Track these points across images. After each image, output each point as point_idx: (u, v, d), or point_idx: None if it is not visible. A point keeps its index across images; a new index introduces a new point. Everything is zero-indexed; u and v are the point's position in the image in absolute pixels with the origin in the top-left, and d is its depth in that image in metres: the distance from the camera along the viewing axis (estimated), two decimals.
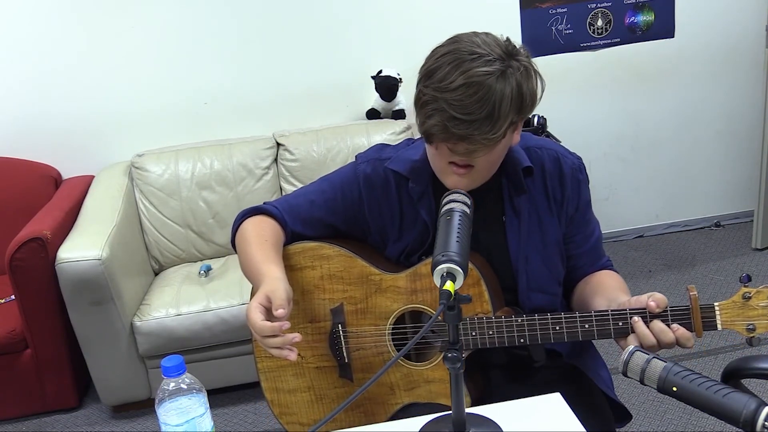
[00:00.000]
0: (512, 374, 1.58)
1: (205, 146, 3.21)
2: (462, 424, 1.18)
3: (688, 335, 1.31)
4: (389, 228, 1.55)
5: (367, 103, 3.39)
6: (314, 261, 1.54)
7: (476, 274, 1.43)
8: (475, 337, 1.41)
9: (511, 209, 1.51)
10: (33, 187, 3.14)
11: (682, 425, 2.50)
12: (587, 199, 1.57)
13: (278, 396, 1.59)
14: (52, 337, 2.74)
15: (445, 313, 1.09)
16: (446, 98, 1.31)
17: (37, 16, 3.12)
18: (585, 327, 1.38)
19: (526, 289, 1.51)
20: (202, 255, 3.15)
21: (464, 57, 1.32)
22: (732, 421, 0.98)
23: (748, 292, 1.29)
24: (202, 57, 3.28)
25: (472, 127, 1.31)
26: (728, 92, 3.77)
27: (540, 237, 1.52)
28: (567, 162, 1.54)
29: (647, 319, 1.33)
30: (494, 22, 3.35)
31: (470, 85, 1.30)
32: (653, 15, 3.05)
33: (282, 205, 1.59)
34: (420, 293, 1.49)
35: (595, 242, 1.60)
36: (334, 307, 1.53)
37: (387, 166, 1.54)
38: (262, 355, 1.58)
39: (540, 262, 1.52)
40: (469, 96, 1.30)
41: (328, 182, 1.60)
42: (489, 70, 1.30)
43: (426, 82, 1.36)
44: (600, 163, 3.76)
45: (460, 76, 1.30)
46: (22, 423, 2.85)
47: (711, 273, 3.46)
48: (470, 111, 1.30)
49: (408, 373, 1.50)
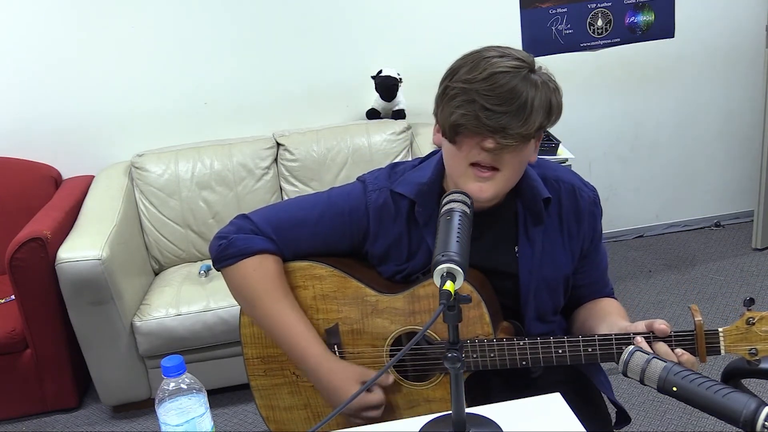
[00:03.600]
0: (511, 384, 1.56)
1: (205, 146, 3.21)
2: (462, 424, 1.17)
3: (693, 360, 1.30)
4: (393, 253, 1.50)
5: (367, 103, 3.39)
6: (306, 281, 1.51)
7: (476, 297, 1.41)
8: (476, 359, 1.40)
9: (526, 239, 1.47)
10: (33, 187, 3.14)
11: (682, 425, 2.50)
12: (600, 232, 1.55)
13: (274, 413, 1.57)
14: (52, 337, 2.74)
15: (445, 313, 1.08)
16: (476, 89, 1.27)
17: (37, 16, 3.12)
18: (588, 351, 1.37)
19: (533, 320, 1.50)
20: (202, 255, 3.15)
21: (488, 55, 1.31)
22: (732, 421, 0.98)
23: (752, 318, 1.29)
24: (202, 57, 3.28)
25: (505, 119, 1.27)
26: (728, 92, 3.77)
27: (551, 271, 1.49)
28: (584, 196, 1.50)
29: (651, 340, 1.32)
30: (494, 22, 3.35)
31: (501, 75, 1.27)
32: (653, 15, 3.04)
33: (279, 236, 1.49)
34: (418, 315, 1.47)
35: (602, 273, 1.59)
36: (329, 327, 1.51)
37: (393, 189, 1.48)
38: (255, 374, 1.55)
39: (547, 294, 1.50)
40: (500, 86, 1.27)
41: (334, 210, 1.50)
42: (517, 64, 1.29)
43: (452, 78, 1.32)
44: (600, 163, 3.76)
45: (490, 68, 1.28)
46: (22, 423, 2.85)
47: (711, 273, 3.46)
48: (502, 102, 1.27)
49: (408, 392, 1.49)
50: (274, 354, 1.54)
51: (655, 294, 3.29)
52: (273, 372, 1.54)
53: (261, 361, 1.55)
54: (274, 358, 1.54)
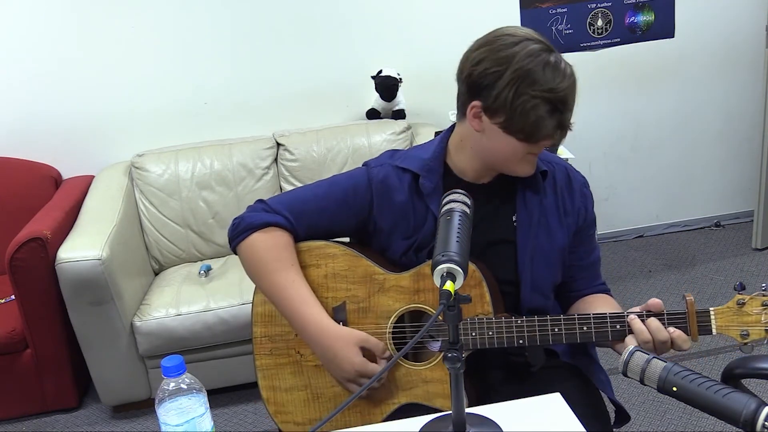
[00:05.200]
0: (511, 376, 1.58)
1: (205, 146, 3.21)
2: (462, 424, 1.17)
3: (685, 337, 1.36)
4: (401, 225, 1.54)
5: (367, 103, 3.39)
6: (319, 260, 1.55)
7: (478, 275, 1.45)
8: (475, 337, 1.42)
9: (524, 207, 1.53)
10: (33, 187, 3.14)
11: (682, 425, 2.50)
12: (593, 217, 1.62)
13: (274, 394, 1.59)
14: (52, 337, 2.74)
15: (445, 313, 1.09)
16: (560, 98, 1.39)
17: (37, 16, 3.12)
18: (583, 329, 1.41)
19: (530, 290, 1.53)
20: (202, 255, 3.15)
21: (540, 50, 1.40)
22: (732, 421, 0.98)
23: (742, 299, 1.33)
24: (202, 57, 3.28)
25: (569, 123, 1.43)
26: (728, 92, 3.77)
27: (547, 240, 1.54)
28: (576, 176, 1.60)
29: (644, 318, 1.38)
30: (494, 22, 3.33)
31: (573, 80, 1.41)
32: (653, 15, 3.04)
33: (291, 213, 1.54)
34: (422, 293, 1.50)
35: (595, 260, 1.64)
36: (336, 305, 1.54)
37: (397, 164, 1.55)
38: (261, 352, 1.58)
39: (544, 264, 1.54)
40: (573, 91, 1.41)
41: (339, 187, 1.57)
42: (558, 55, 1.42)
43: (527, 87, 1.38)
44: (600, 163, 3.76)
45: (562, 73, 1.39)
46: (22, 423, 2.85)
47: (711, 273, 3.46)
48: (573, 103, 1.42)
49: (406, 372, 1.50)
50: (281, 333, 1.57)
51: (655, 294, 3.28)
52: (278, 351, 1.57)
53: (268, 340, 1.57)
54: (281, 336, 1.57)
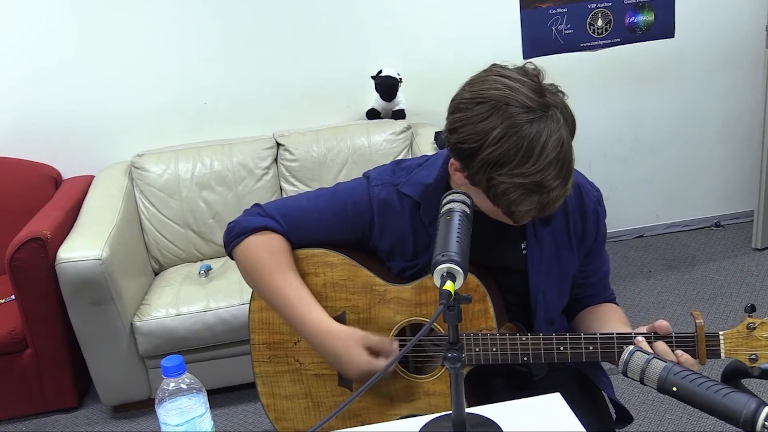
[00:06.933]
0: (512, 385, 1.56)
1: (205, 146, 3.21)
2: (462, 424, 1.17)
3: (692, 361, 1.31)
4: (400, 249, 1.50)
5: (367, 103, 3.39)
6: (318, 268, 1.52)
7: (482, 290, 1.42)
8: (479, 353, 1.40)
9: (534, 238, 1.48)
10: (33, 187, 3.14)
11: (682, 425, 2.50)
12: (604, 233, 1.55)
13: (274, 401, 1.58)
14: (52, 337, 2.74)
15: (445, 313, 1.08)
16: (535, 182, 1.22)
17: (36, 15, 3.12)
18: (589, 348, 1.38)
19: (543, 322, 1.50)
20: (202, 255, 3.15)
21: (519, 123, 1.21)
22: (732, 421, 0.98)
23: (752, 323, 1.30)
24: (202, 57, 3.28)
25: (556, 192, 1.25)
26: (728, 92, 3.77)
27: (558, 270, 1.50)
28: (589, 195, 1.51)
29: (651, 340, 1.33)
30: (494, 22, 3.36)
31: (556, 155, 1.22)
32: (653, 15, 3.04)
33: (285, 219, 1.52)
34: (424, 306, 1.47)
35: (604, 275, 1.60)
36: (336, 315, 1.51)
37: (399, 189, 1.49)
38: (260, 359, 1.56)
39: (557, 295, 1.51)
40: (554, 169, 1.22)
41: (340, 201, 1.52)
42: (558, 127, 1.23)
43: (497, 172, 1.23)
44: (600, 163, 3.76)
45: (539, 150, 1.21)
46: (22, 423, 2.85)
47: (711, 273, 3.46)
48: (557, 185, 1.24)
49: (408, 385, 1.49)
50: (280, 341, 1.55)
51: (655, 294, 3.29)
52: (277, 359, 1.55)
53: (267, 347, 1.56)
54: (280, 344, 1.55)
